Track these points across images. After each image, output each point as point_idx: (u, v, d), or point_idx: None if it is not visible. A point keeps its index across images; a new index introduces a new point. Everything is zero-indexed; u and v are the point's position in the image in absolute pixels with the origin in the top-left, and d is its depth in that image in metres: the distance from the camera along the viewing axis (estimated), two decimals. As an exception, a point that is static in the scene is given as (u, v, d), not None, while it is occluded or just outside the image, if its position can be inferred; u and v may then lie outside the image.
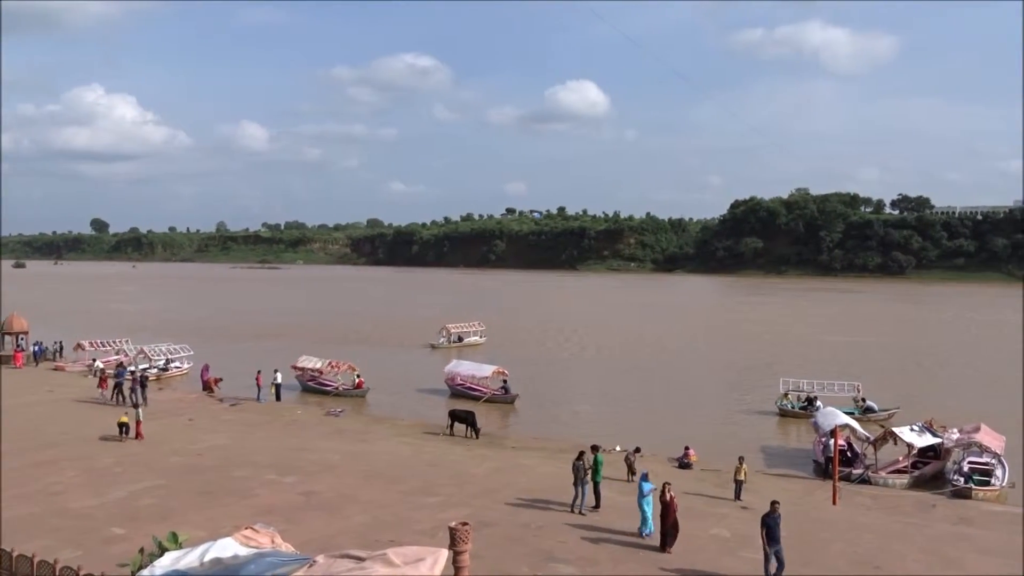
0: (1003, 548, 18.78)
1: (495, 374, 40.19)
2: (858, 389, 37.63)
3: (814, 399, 37.04)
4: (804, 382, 38.90)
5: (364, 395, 40.39)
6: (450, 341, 63.18)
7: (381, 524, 18.40)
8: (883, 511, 22.00)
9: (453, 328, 65.00)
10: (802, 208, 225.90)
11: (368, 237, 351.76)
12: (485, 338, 66.25)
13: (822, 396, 37.30)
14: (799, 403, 37.41)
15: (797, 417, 36.30)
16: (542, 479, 23.79)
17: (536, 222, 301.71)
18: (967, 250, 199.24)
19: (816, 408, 35.67)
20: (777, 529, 15.88)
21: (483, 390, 39.91)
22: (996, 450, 25.70)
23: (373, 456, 26.40)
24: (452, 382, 41.34)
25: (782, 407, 37.34)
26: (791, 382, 38.83)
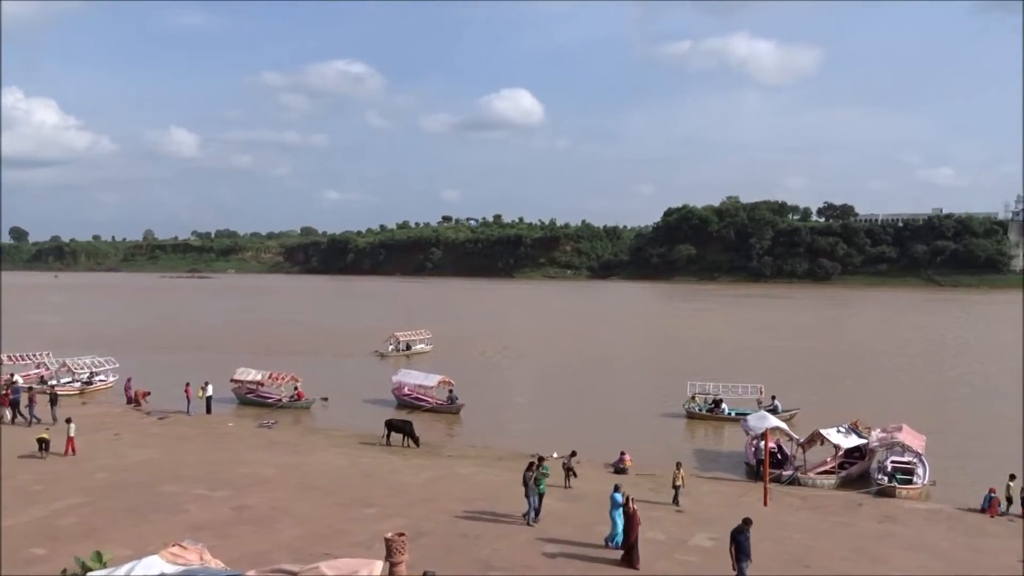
0: (926, 544, 19.46)
1: (441, 384, 39.75)
2: (761, 391, 38.79)
3: (720, 401, 38.22)
4: (711, 385, 39.96)
5: (308, 407, 39.61)
6: (398, 349, 62.64)
7: (316, 537, 18.09)
8: (812, 511, 22.58)
9: (401, 336, 64.44)
10: (733, 216, 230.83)
11: (302, 245, 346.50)
12: (432, 346, 65.88)
13: (727, 398, 38.50)
14: (706, 405, 38.39)
15: (704, 419, 37.51)
16: (479, 488, 23.75)
17: (473, 230, 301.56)
18: (889, 256, 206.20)
19: (722, 410, 37.58)
20: (748, 544, 15.68)
21: (429, 400, 39.53)
22: (917, 449, 26.60)
23: (308, 468, 25.96)
24: (399, 392, 40.80)
25: (689, 409, 38.30)
26: (698, 385, 39.85)
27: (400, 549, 13.90)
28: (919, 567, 17.57)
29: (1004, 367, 55.56)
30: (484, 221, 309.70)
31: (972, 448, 32.04)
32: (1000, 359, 59.76)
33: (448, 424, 36.94)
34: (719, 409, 37.91)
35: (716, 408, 38.01)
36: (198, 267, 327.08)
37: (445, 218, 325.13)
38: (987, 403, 42.48)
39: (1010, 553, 18.90)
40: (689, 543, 18.62)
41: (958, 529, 21.16)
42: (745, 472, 27.85)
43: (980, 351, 65.17)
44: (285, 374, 41.52)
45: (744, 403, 38.36)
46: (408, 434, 30.72)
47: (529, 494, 19.81)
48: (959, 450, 31.40)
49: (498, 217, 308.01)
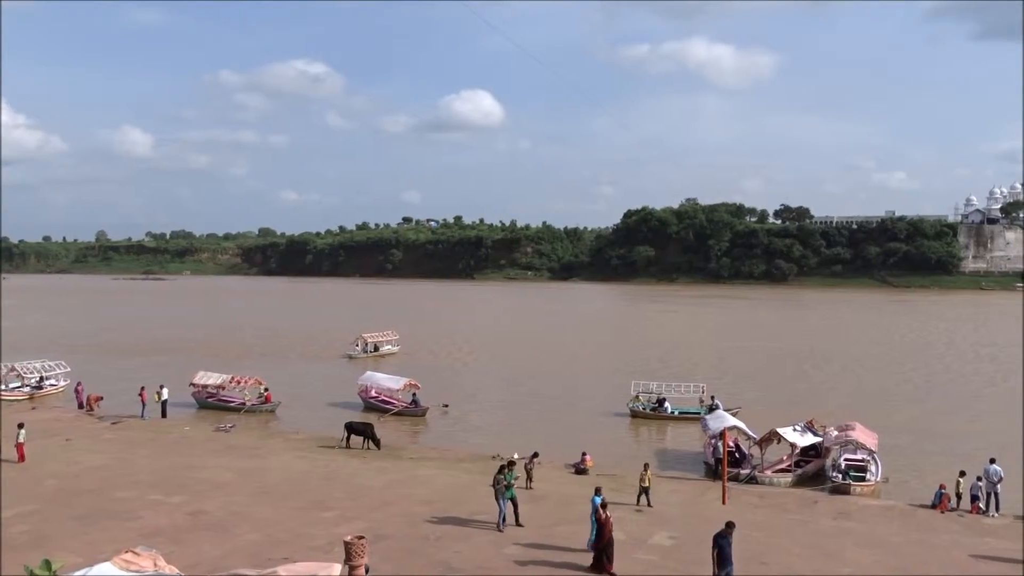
0: (879, 540, 19.84)
1: (407, 386, 39.40)
2: (703, 390, 39.45)
3: (663, 400, 38.79)
4: (654, 384, 40.55)
5: (274, 410, 39.03)
6: (365, 351, 62.24)
7: (274, 542, 17.88)
8: (769, 509, 22.89)
9: (369, 337, 64.01)
10: (692, 218, 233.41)
11: (260, 247, 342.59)
12: (399, 347, 65.50)
13: (671, 397, 39.08)
14: (650, 404, 38.87)
15: (647, 418, 37.98)
16: (440, 490, 23.68)
17: (433, 231, 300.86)
18: (844, 258, 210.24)
19: (665, 409, 38.20)
20: (730, 549, 15.34)
21: (395, 403, 39.26)
22: (870, 447, 27.11)
23: (266, 472, 25.64)
24: (366, 395, 40.38)
25: (633, 408, 38.73)
26: (642, 384, 40.36)
27: (359, 552, 13.80)
28: (872, 562, 17.92)
29: (954, 366, 56.95)
30: (445, 222, 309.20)
31: (923, 445, 32.75)
32: (951, 358, 61.21)
33: (413, 426, 36.69)
34: (662, 408, 38.49)
35: (660, 407, 38.57)
36: (153, 269, 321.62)
37: (405, 219, 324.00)
38: (938, 401, 43.47)
39: (960, 548, 19.35)
40: (649, 542, 18.76)
41: (910, 525, 21.61)
42: (704, 471, 28.14)
43: (932, 351, 66.64)
44: (248, 377, 40.89)
45: (687, 402, 39.14)
46: (369, 437, 30.51)
47: (499, 498, 19.47)
48: (910, 447, 32.08)
49: (459, 218, 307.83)
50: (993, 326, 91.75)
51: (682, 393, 39.59)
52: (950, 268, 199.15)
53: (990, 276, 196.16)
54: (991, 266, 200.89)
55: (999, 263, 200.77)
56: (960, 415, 39.43)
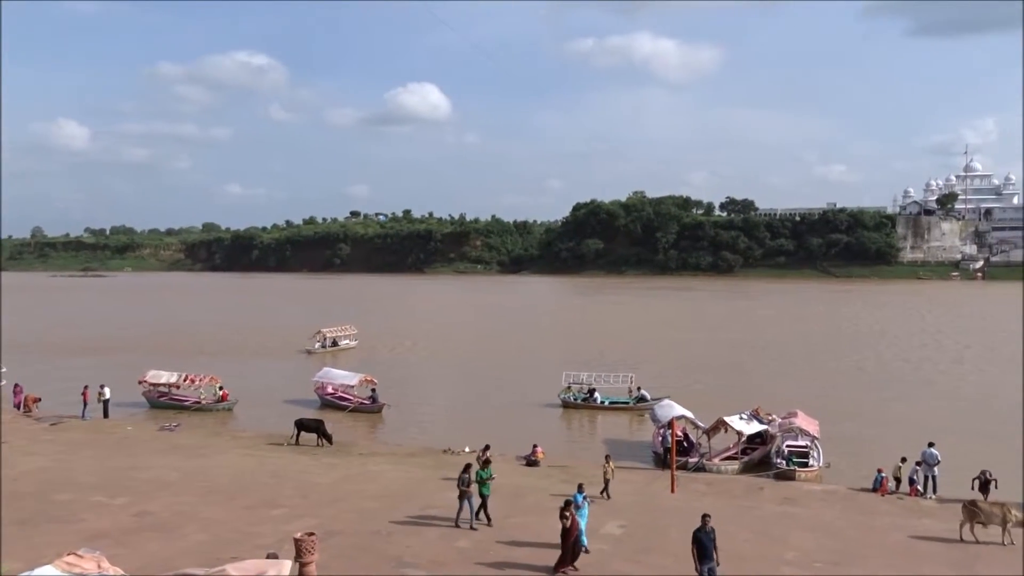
0: (822, 524, 20.36)
1: (363, 382, 38.93)
2: (632, 380, 40.07)
3: (594, 391, 39.30)
4: (584, 375, 41.02)
5: (231, 408, 38.35)
6: (324, 346, 61.57)
7: (222, 541, 17.62)
8: (717, 496, 23.29)
9: (328, 332, 63.31)
10: (639, 210, 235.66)
11: (204, 242, 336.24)
12: (357, 342, 64.99)
13: (600, 388, 39.59)
14: (581, 395, 39.33)
15: (578, 408, 38.49)
16: (391, 484, 23.59)
17: (382, 225, 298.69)
18: (787, 249, 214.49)
19: (595, 399, 38.69)
20: (711, 545, 14.80)
21: (351, 399, 38.82)
22: (813, 433, 27.77)
23: (213, 471, 25.23)
24: (323, 391, 39.74)
25: (564, 399, 39.18)
26: (573, 375, 40.79)
27: (310, 549, 13.71)
28: (816, 546, 18.38)
29: (895, 354, 58.53)
30: (393, 216, 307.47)
31: (863, 431, 33.63)
32: (891, 347, 62.92)
33: (371, 423, 36.34)
34: (592, 398, 38.97)
35: (590, 397, 39.04)
36: (92, 265, 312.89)
37: (353, 213, 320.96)
38: (878, 388, 44.63)
39: (899, 529, 19.94)
40: (600, 532, 18.93)
41: (852, 508, 22.19)
42: (653, 461, 28.49)
43: (873, 339, 68.39)
44: (203, 375, 40.03)
45: (616, 392, 39.69)
46: (321, 433, 30.21)
47: (463, 496, 19.02)
48: (851, 433, 32.91)
49: (407, 212, 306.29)
50: (931, 315, 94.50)
51: (611, 384, 40.13)
52: (889, 258, 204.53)
53: (927, 266, 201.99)
54: (928, 256, 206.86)
55: (935, 253, 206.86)
56: (900, 401, 40.57)
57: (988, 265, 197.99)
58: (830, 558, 17.60)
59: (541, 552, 17.25)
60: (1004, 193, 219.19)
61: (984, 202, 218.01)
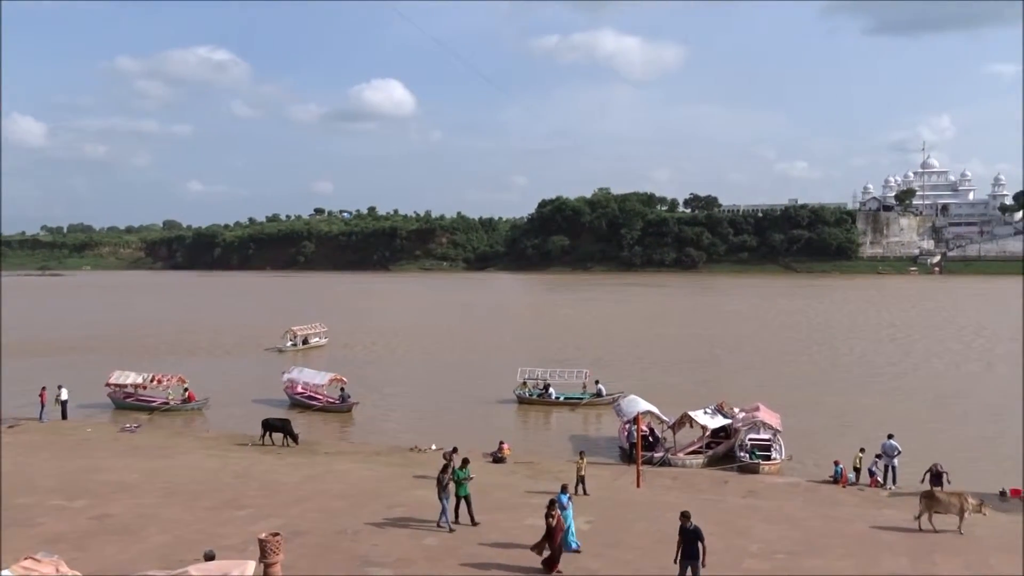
0: (785, 515, 20.64)
1: (333, 381, 38.53)
2: (587, 375, 40.37)
3: (548, 386, 39.53)
4: (539, 370, 41.20)
5: (200, 408, 37.80)
6: (295, 344, 61.03)
7: (185, 543, 17.38)
8: (682, 490, 23.49)
9: (299, 330, 62.72)
10: (604, 207, 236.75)
11: (165, 240, 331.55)
12: (327, 340, 64.59)
13: (555, 383, 39.85)
14: (536, 391, 39.53)
15: (533, 404, 38.67)
16: (357, 483, 23.46)
17: (346, 222, 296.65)
18: (750, 245, 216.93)
19: (549, 395, 38.96)
20: (694, 545, 14.50)
21: (321, 398, 38.41)
22: (775, 426, 28.14)
23: (175, 472, 24.88)
24: (292, 390, 39.28)
25: (520, 395, 39.34)
26: (528, 371, 40.94)
27: (275, 549, 13.59)
28: (779, 537, 18.62)
29: (856, 348, 59.46)
30: (358, 213, 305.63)
31: (824, 424, 34.14)
32: (852, 340, 63.90)
33: (341, 423, 35.93)
34: (547, 394, 39.14)
35: (545, 393, 39.20)
36: (49, 264, 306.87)
37: (317, 210, 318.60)
38: (839, 381, 45.33)
39: (859, 520, 20.28)
40: (566, 527, 18.97)
41: (813, 500, 22.53)
42: (619, 456, 28.66)
43: (834, 333, 69.42)
44: (170, 375, 39.38)
45: (571, 387, 39.90)
46: (287, 433, 29.94)
47: (442, 497, 18.77)
48: (813, 426, 33.39)
49: (372, 209, 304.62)
50: (890, 309, 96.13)
51: (566, 379, 40.32)
52: (849, 253, 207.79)
53: (886, 261, 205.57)
54: (887, 251, 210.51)
55: (894, 248, 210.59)
56: (860, 394, 41.22)
57: (945, 260, 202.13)
58: (792, 549, 17.85)
59: (510, 550, 17.27)
60: (960, 189, 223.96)
61: (941, 198, 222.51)
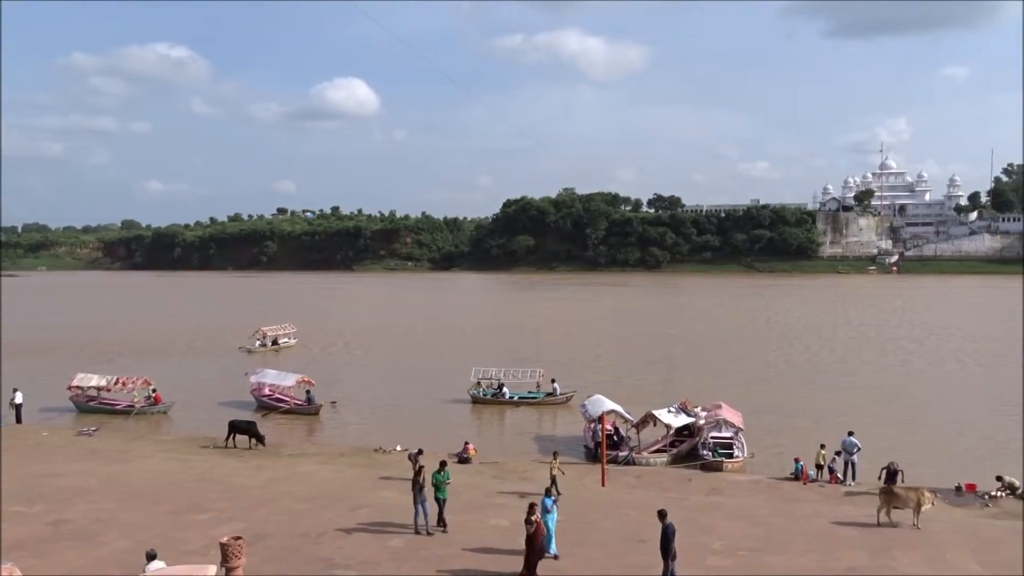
0: (747, 512, 20.88)
1: (300, 383, 38.05)
2: (541, 375, 40.63)
3: (502, 386, 39.76)
4: (494, 370, 41.32)
5: (166, 411, 37.14)
6: (264, 344, 60.41)
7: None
8: (647, 488, 23.66)
9: (268, 331, 62.02)
10: (569, 207, 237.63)
11: (123, 240, 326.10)
12: (296, 340, 64.03)
13: (509, 383, 40.05)
14: (490, 390, 39.70)
15: (487, 403, 38.79)
16: (321, 485, 23.27)
17: (309, 222, 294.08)
18: (713, 245, 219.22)
19: (503, 394, 39.09)
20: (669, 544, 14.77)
21: (288, 400, 37.92)
22: (737, 424, 28.45)
23: (134, 476, 24.48)
24: (259, 392, 38.72)
25: (474, 395, 39.45)
26: (482, 371, 41.07)
27: (236, 553, 13.43)
28: (741, 534, 18.85)
29: (816, 346, 60.34)
30: (321, 213, 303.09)
31: (785, 421, 34.58)
32: (813, 339, 64.82)
33: (308, 425, 35.47)
34: (501, 393, 39.31)
35: (499, 392, 39.37)
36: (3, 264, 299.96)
37: (280, 210, 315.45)
38: (800, 379, 45.97)
39: (819, 516, 20.59)
40: (532, 527, 19.01)
41: (775, 497, 22.82)
42: (584, 455, 28.76)
43: (796, 332, 70.36)
44: (135, 377, 38.58)
45: (525, 387, 40.09)
46: (253, 435, 29.59)
47: (417, 500, 18.54)
48: (774, 424, 33.81)
49: (336, 209, 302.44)
50: (851, 308, 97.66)
51: (520, 379, 40.50)
52: (810, 253, 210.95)
53: (846, 260, 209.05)
54: (846, 251, 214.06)
55: (853, 248, 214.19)
56: (821, 391, 41.83)
57: (903, 259, 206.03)
58: (754, 545, 18.07)
59: (476, 552, 17.26)
60: (917, 190, 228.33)
61: (898, 198, 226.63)
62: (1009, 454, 28.31)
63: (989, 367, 49.61)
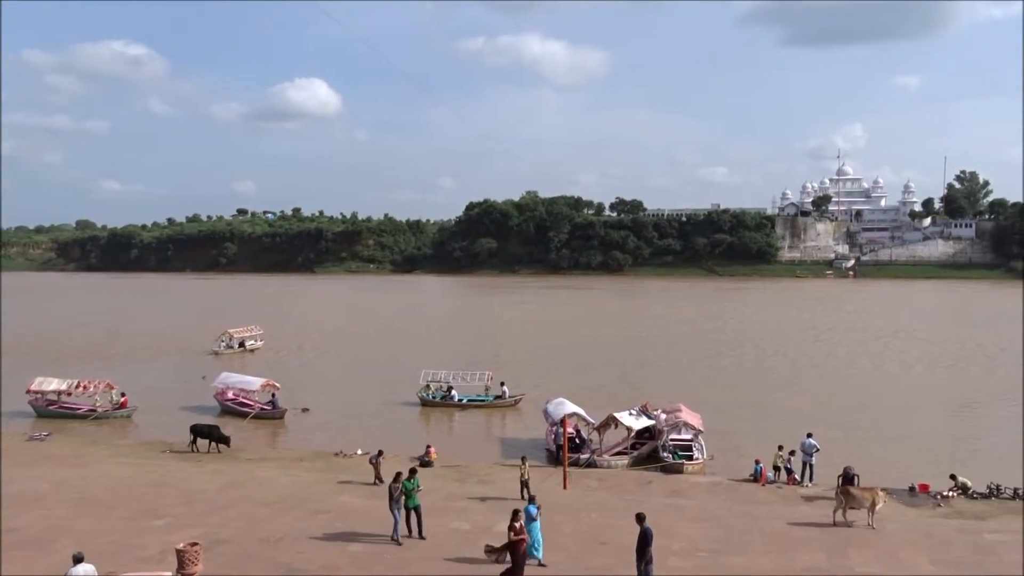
0: (707, 514, 21.10)
1: (265, 387, 37.50)
2: (490, 378, 40.83)
3: (451, 388, 39.91)
4: (442, 373, 41.46)
5: (130, 415, 36.42)
6: (231, 347, 59.56)
7: (99, 555, 16.70)
8: (607, 491, 23.79)
9: (235, 333, 61.07)
10: (532, 210, 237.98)
11: (78, 240, 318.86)
12: (263, 342, 63.24)
13: (458, 386, 40.21)
14: (440, 392, 39.82)
15: (436, 406, 38.90)
16: (280, 490, 23.02)
17: (270, 223, 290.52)
18: (674, 248, 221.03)
19: (452, 397, 39.24)
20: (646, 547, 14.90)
21: (252, 405, 37.29)
22: (697, 426, 28.72)
23: (88, 481, 23.99)
24: (222, 397, 38.11)
25: (423, 397, 39.51)
26: (431, 373, 41.20)
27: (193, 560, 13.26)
28: (701, 535, 19.03)
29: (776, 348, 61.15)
30: (282, 214, 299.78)
31: (745, 423, 34.97)
32: (773, 341, 65.68)
33: (272, 429, 34.84)
34: (450, 396, 39.43)
35: (448, 395, 39.50)
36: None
37: (240, 211, 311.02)
38: (759, 381, 46.54)
39: (778, 517, 20.87)
40: (493, 530, 19.02)
41: (734, 498, 23.08)
42: (546, 458, 28.81)
43: (756, 335, 71.23)
44: (97, 381, 37.75)
45: (473, 389, 40.27)
46: (216, 439, 29.14)
47: (393, 509, 18.26)
48: (733, 425, 34.16)
49: (297, 210, 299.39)
50: (809, 311, 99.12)
51: (468, 382, 40.62)
52: (769, 257, 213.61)
53: (804, 264, 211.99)
54: (804, 255, 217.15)
55: (811, 252, 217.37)
56: (780, 393, 42.39)
57: (859, 264, 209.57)
58: (713, 546, 18.26)
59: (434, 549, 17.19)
60: (873, 196, 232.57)
61: (855, 204, 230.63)
62: (961, 454, 28.99)
63: (943, 369, 50.72)
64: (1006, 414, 37.08)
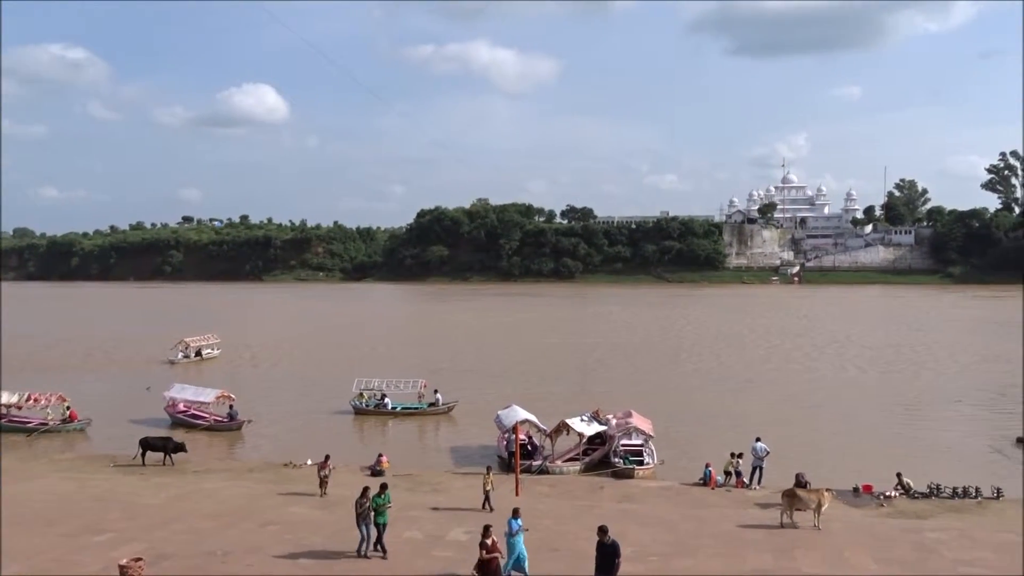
0: (658, 518, 21.29)
1: (220, 398, 36.64)
2: (423, 386, 40.96)
3: (384, 396, 39.98)
4: (376, 381, 41.52)
5: (83, 428, 35.36)
6: (187, 356, 58.31)
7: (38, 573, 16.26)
8: (559, 497, 23.85)
9: (192, 342, 59.74)
10: (483, 217, 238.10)
11: (15, 248, 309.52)
12: (220, 351, 62.17)
13: (392, 394, 40.33)
14: (373, 401, 39.83)
15: (369, 414, 38.95)
16: (227, 502, 22.59)
17: (217, 231, 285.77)
18: (624, 255, 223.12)
19: (385, 404, 39.32)
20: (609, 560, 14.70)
21: (206, 417, 36.39)
22: (647, 432, 28.97)
23: (25, 497, 23.23)
24: (174, 409, 37.17)
25: (356, 405, 39.47)
26: (364, 381, 41.19)
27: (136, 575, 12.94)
28: (652, 539, 19.20)
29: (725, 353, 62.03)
30: (230, 222, 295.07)
31: (694, 428, 35.41)
32: (722, 346, 66.63)
33: (228, 442, 33.99)
34: (383, 404, 39.43)
35: (381, 403, 39.50)
36: None
37: (186, 219, 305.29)
38: (709, 386, 47.09)
39: (727, 520, 21.16)
40: (446, 539, 18.95)
41: (684, 502, 23.33)
42: (498, 465, 28.75)
43: (702, 340, 72.17)
44: (48, 393, 36.52)
45: (407, 397, 40.34)
46: (168, 450, 28.43)
47: (360, 523, 17.94)
48: (682, 430, 34.57)
49: (245, 218, 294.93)
50: (756, 316, 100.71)
51: (401, 389, 40.67)
52: (717, 264, 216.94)
53: (750, 271, 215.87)
54: (751, 262, 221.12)
55: (757, 259, 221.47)
56: (728, 398, 42.98)
57: (804, 270, 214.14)
58: (665, 550, 18.43)
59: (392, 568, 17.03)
60: (817, 203, 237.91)
61: (800, 211, 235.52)
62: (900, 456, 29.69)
63: (884, 372, 52.00)
64: (950, 415, 38.35)
